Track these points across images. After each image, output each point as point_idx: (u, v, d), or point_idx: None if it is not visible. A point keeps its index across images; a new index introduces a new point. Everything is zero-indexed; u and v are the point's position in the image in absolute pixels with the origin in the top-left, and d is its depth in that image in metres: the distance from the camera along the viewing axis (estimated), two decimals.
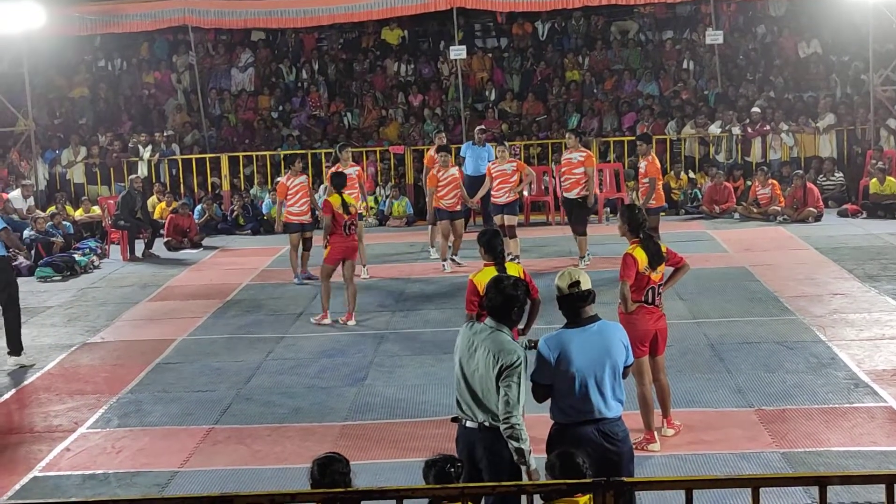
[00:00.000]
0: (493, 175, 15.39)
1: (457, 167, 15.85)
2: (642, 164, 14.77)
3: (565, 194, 15.27)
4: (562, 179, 15.27)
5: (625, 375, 6.33)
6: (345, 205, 12.69)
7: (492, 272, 8.21)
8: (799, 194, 18.89)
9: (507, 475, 5.91)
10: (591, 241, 15.47)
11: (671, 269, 8.79)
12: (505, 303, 6.02)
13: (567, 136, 15.72)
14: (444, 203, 15.46)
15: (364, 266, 15.52)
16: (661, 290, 8.49)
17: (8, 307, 11.75)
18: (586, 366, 6.03)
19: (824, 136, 20.96)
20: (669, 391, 8.73)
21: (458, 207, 15.67)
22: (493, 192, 15.41)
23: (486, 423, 5.99)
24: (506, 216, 15.28)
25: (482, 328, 6.07)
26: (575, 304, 6.15)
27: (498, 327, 6.01)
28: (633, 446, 6.76)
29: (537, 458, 5.96)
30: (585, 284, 6.15)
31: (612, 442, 6.05)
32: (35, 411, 10.21)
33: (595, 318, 6.18)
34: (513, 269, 8.28)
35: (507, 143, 16.47)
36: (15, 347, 11.71)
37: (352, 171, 15.46)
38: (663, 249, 8.47)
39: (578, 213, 15.19)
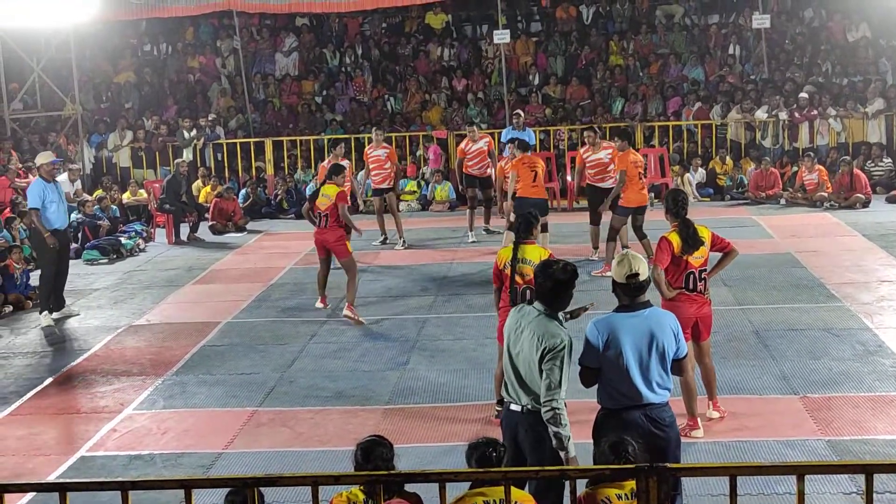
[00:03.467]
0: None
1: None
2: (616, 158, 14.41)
3: (599, 185, 14.57)
4: (593, 173, 14.61)
5: (678, 372, 6.28)
6: (315, 195, 12.72)
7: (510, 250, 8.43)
8: (846, 180, 18.66)
9: (550, 459, 5.90)
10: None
11: (718, 255, 8.65)
12: (554, 287, 6.03)
13: (586, 134, 15.04)
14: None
15: (401, 237, 16.58)
16: (705, 276, 8.36)
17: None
18: (634, 351, 5.99)
19: (873, 122, 20.69)
20: (714, 374, 8.65)
21: None
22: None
23: (529, 407, 6.00)
24: None
25: (530, 311, 6.08)
26: (629, 293, 6.12)
27: (546, 311, 6.02)
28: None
29: (583, 444, 5.95)
30: (643, 275, 6.11)
31: (659, 427, 6.00)
32: (82, 392, 10.34)
33: (647, 304, 6.14)
34: (534, 252, 8.30)
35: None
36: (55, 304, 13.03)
37: (381, 152, 16.64)
38: (704, 234, 8.32)
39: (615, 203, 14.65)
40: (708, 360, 8.57)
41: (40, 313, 12.85)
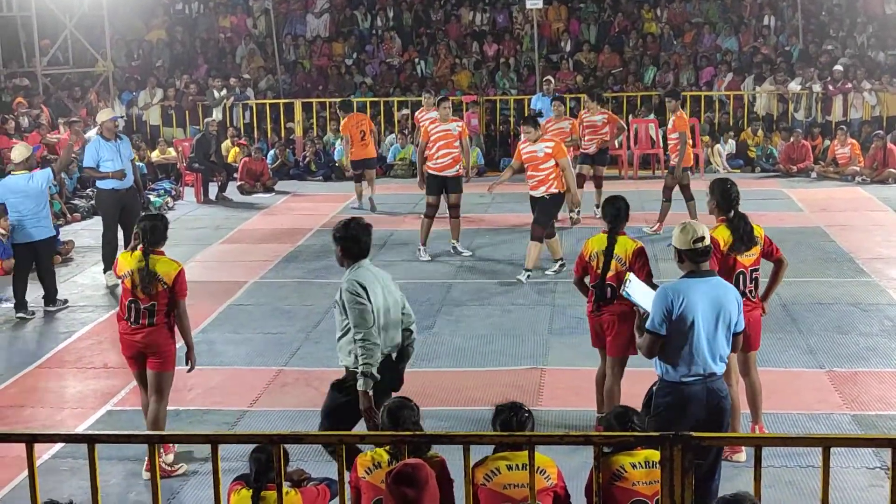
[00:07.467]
0: (585, 125, 15.22)
1: (570, 120, 15.20)
2: (670, 120, 14.10)
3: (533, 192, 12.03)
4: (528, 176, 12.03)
5: (735, 348, 6.22)
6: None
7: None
8: (879, 155, 18.46)
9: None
10: (655, 195, 15.10)
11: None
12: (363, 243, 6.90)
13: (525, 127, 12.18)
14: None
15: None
16: (756, 276, 7.35)
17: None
18: (705, 319, 5.92)
19: None
20: (761, 390, 7.65)
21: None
22: (583, 143, 15.23)
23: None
24: (597, 166, 15.35)
25: (368, 268, 6.95)
26: (696, 258, 6.03)
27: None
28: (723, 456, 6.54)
29: (585, 411, 5.93)
30: (707, 240, 6.05)
31: (716, 398, 5.98)
32: (109, 348, 10.39)
33: (712, 272, 6.08)
34: (625, 243, 7.62)
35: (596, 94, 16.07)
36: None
37: (453, 126, 13.32)
38: (759, 232, 7.33)
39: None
40: (755, 373, 7.61)
41: (104, 273, 12.76)
